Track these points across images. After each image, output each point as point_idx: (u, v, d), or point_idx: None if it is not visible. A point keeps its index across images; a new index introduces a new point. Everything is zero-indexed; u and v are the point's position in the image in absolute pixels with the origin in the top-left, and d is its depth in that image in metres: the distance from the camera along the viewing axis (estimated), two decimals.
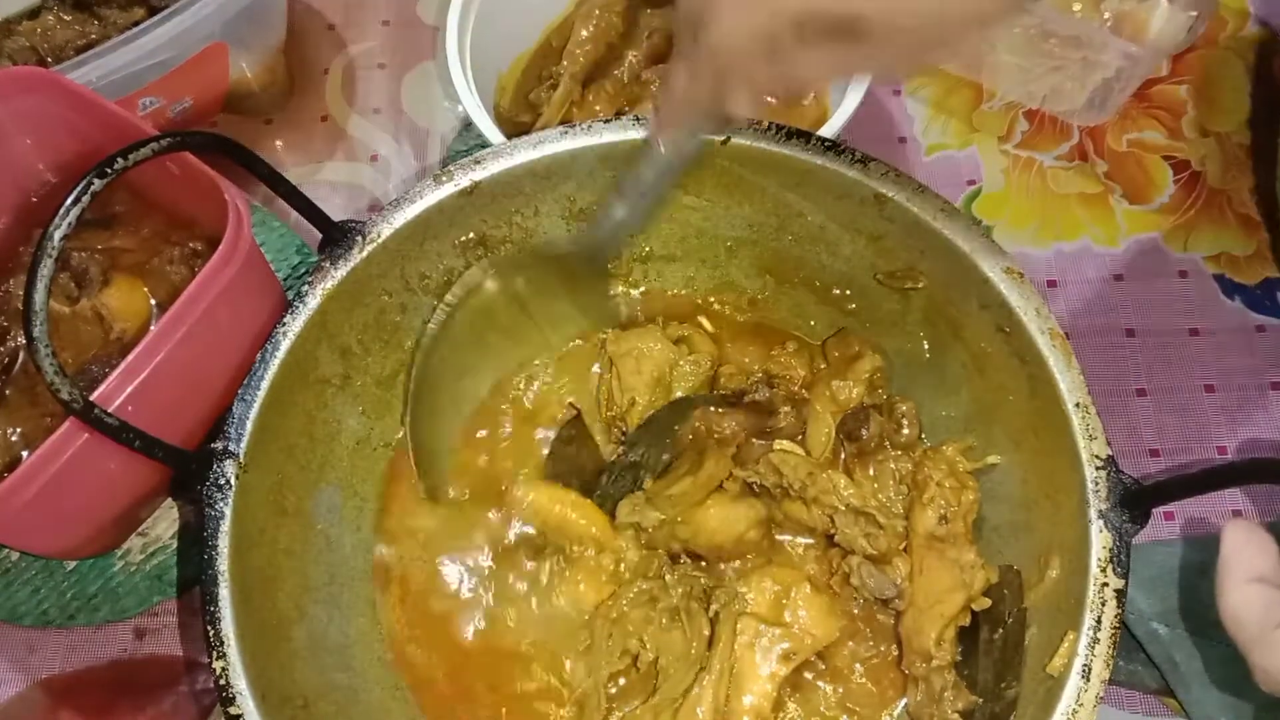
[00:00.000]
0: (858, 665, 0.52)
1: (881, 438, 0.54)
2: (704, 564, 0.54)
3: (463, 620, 0.54)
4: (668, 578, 0.52)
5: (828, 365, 0.58)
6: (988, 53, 0.65)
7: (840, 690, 0.52)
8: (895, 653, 0.52)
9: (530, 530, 0.55)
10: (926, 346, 0.55)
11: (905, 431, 0.54)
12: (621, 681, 0.52)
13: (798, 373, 0.57)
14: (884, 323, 0.56)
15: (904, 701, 0.51)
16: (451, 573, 0.55)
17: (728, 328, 0.61)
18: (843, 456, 0.54)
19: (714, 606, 0.51)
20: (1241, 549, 0.38)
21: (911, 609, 0.50)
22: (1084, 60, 0.64)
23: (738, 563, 0.54)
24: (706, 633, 0.51)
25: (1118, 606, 0.43)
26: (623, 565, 0.53)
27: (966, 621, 0.50)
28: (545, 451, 0.57)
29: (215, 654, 0.44)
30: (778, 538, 0.55)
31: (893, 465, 0.53)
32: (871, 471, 0.54)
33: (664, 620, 0.51)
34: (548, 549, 0.54)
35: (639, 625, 0.51)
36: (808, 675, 0.52)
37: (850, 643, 0.52)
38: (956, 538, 0.50)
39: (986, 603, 0.49)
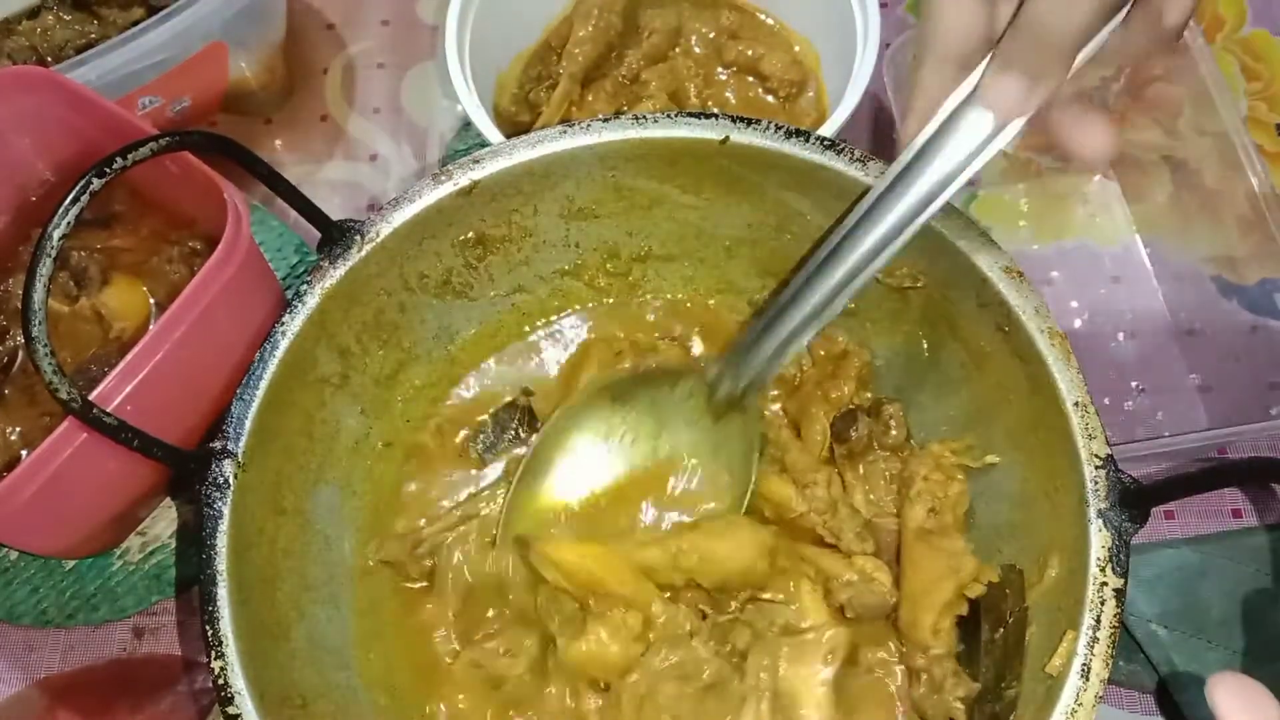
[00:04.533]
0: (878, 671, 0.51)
1: (870, 439, 0.54)
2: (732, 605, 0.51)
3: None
4: (698, 644, 0.49)
5: (814, 364, 0.58)
6: None
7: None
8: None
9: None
10: (925, 346, 0.55)
11: (893, 433, 0.54)
12: None
13: (788, 372, 0.57)
14: (883, 322, 0.56)
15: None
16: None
17: (725, 329, 0.60)
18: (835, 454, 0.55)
19: (742, 644, 0.50)
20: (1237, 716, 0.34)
21: (906, 602, 0.50)
22: None
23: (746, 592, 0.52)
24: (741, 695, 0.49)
25: (1117, 606, 0.43)
26: (650, 626, 0.50)
27: (963, 610, 0.50)
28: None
29: (214, 653, 0.44)
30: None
31: (882, 465, 0.54)
32: (862, 471, 0.54)
33: (697, 691, 0.49)
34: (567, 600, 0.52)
35: (671, 701, 0.49)
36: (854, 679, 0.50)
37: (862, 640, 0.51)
38: (946, 529, 0.50)
39: (980, 589, 0.49)
